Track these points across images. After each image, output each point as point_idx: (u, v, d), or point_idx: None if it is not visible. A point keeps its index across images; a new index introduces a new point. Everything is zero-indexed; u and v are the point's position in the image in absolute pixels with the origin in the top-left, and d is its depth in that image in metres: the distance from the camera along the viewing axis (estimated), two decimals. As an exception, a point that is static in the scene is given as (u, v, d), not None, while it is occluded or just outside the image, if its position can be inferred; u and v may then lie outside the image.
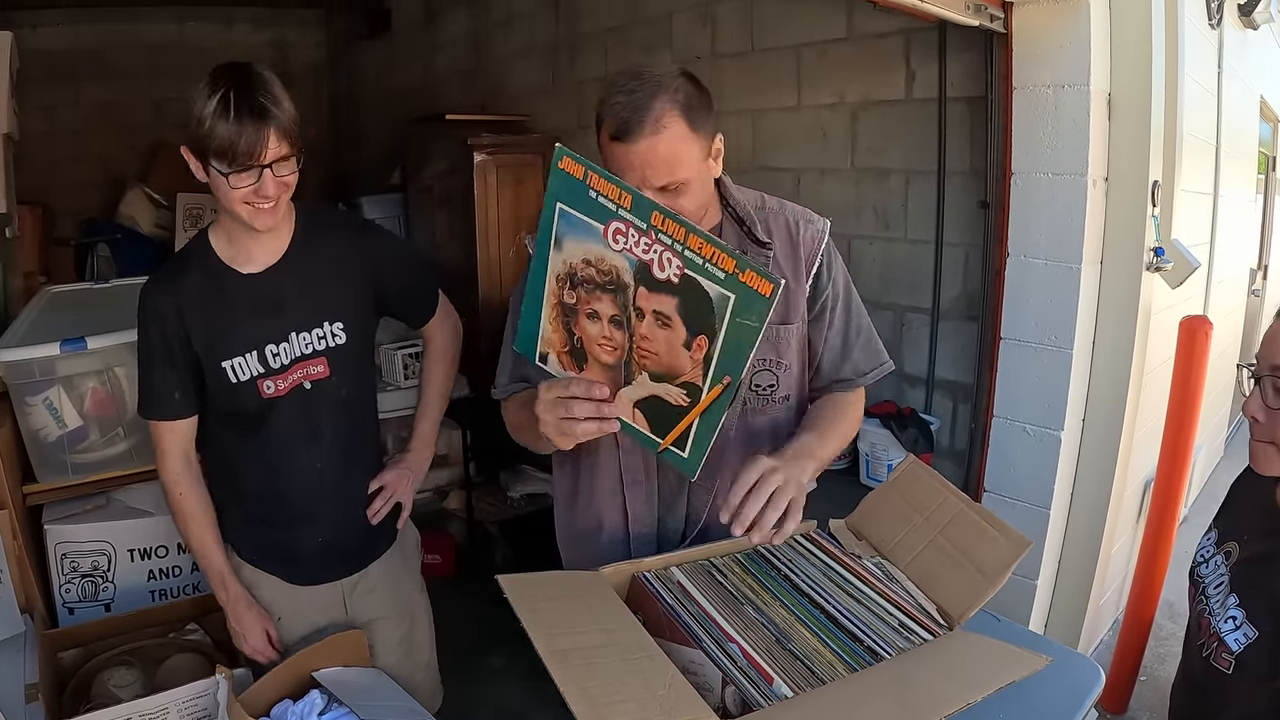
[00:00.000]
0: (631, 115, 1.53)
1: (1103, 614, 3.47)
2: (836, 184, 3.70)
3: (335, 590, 2.17)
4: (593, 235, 1.38)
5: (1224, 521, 1.74)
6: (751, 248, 1.74)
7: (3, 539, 2.31)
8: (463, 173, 4.57)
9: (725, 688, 1.24)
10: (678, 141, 1.55)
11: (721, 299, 1.30)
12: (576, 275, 1.43)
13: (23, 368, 2.39)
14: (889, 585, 1.51)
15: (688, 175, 1.57)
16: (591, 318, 1.44)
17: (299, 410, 2.01)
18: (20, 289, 3.59)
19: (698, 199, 1.64)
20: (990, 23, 2.77)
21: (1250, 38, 4.81)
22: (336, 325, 2.02)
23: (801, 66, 3.73)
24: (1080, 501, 3.05)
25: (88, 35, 6.91)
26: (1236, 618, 1.50)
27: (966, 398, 3.37)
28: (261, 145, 1.72)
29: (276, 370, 1.96)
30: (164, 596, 2.63)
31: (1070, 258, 2.78)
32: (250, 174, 1.74)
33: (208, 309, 1.91)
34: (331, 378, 2.03)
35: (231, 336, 1.92)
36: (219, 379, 1.93)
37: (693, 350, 1.36)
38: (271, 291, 1.95)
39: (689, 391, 1.39)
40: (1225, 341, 5.07)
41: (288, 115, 1.77)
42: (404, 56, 6.96)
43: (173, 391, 1.94)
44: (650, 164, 1.54)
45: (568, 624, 1.27)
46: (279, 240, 1.97)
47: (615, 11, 4.63)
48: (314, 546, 2.11)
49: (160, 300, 1.90)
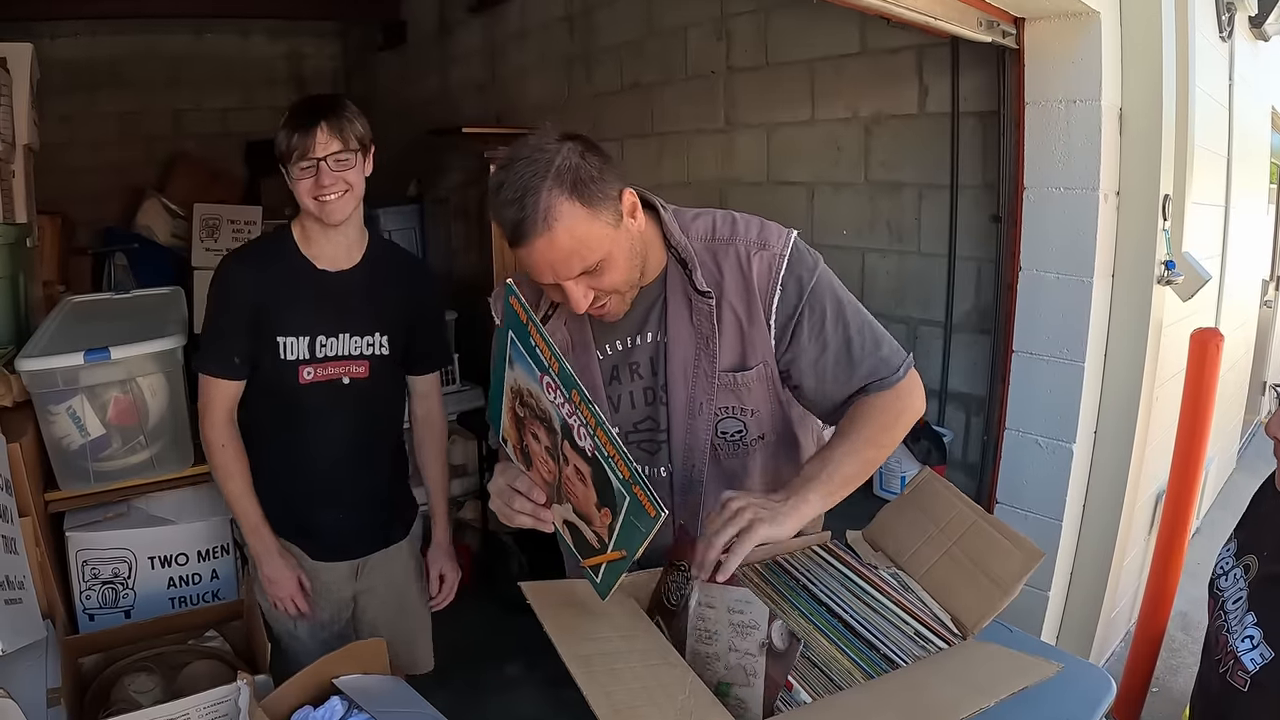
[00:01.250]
0: (518, 218, 1.43)
1: (1115, 625, 3.47)
2: (850, 198, 3.71)
3: (350, 568, 2.39)
4: (533, 376, 1.38)
5: (1244, 533, 1.73)
6: (695, 297, 1.65)
7: (25, 545, 2.32)
8: (478, 185, 4.58)
9: (773, 622, 1.26)
10: (574, 228, 1.45)
11: (619, 494, 1.28)
12: (522, 398, 1.45)
13: (46, 377, 2.42)
14: (905, 595, 1.53)
15: (598, 255, 1.49)
16: (534, 438, 1.47)
17: (330, 400, 2.23)
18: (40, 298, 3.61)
19: (623, 269, 1.55)
20: (1003, 39, 2.80)
21: (1261, 49, 4.82)
22: (384, 338, 2.27)
23: (815, 81, 3.76)
24: (1092, 513, 3.06)
25: (106, 46, 6.94)
26: (1254, 637, 1.50)
27: (979, 410, 3.38)
28: (312, 140, 2.02)
29: (319, 359, 2.19)
30: (184, 604, 2.66)
31: (1082, 271, 2.80)
32: (308, 166, 2.03)
33: (279, 287, 2.15)
34: (369, 380, 2.25)
35: (292, 317, 2.16)
36: (271, 351, 2.15)
37: (600, 514, 1.34)
38: (338, 291, 2.21)
39: (599, 539, 1.37)
40: (1237, 353, 5.06)
41: (340, 118, 2.06)
42: (419, 68, 6.98)
43: (232, 354, 2.16)
44: (553, 260, 1.47)
45: (589, 630, 1.29)
46: (353, 248, 2.25)
47: (630, 26, 4.66)
48: (333, 526, 2.31)
49: (241, 271, 2.16)
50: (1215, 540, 1.77)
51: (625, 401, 1.73)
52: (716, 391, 1.68)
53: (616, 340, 1.70)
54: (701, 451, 1.72)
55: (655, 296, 1.68)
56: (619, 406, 1.73)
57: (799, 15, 3.71)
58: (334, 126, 2.05)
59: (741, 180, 4.02)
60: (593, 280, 1.51)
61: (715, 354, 1.66)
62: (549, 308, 1.70)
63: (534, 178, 1.43)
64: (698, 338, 1.66)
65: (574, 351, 1.70)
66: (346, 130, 2.07)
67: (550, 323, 1.69)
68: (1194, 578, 3.03)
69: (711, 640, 1.35)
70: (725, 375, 1.67)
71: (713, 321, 1.64)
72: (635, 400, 1.73)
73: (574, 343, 1.70)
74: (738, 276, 1.65)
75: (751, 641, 1.28)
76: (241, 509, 2.24)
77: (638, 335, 1.70)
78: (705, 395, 1.68)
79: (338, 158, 2.06)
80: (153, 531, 2.63)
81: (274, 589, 2.26)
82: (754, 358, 1.67)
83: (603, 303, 1.57)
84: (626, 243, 1.55)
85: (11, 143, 3.31)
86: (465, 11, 6.12)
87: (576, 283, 1.50)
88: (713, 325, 1.64)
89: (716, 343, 1.65)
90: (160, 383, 2.53)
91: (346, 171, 2.09)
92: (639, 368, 1.71)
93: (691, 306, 1.65)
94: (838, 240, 3.72)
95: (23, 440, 2.38)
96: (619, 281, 1.55)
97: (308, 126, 2.02)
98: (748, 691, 1.27)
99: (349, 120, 2.09)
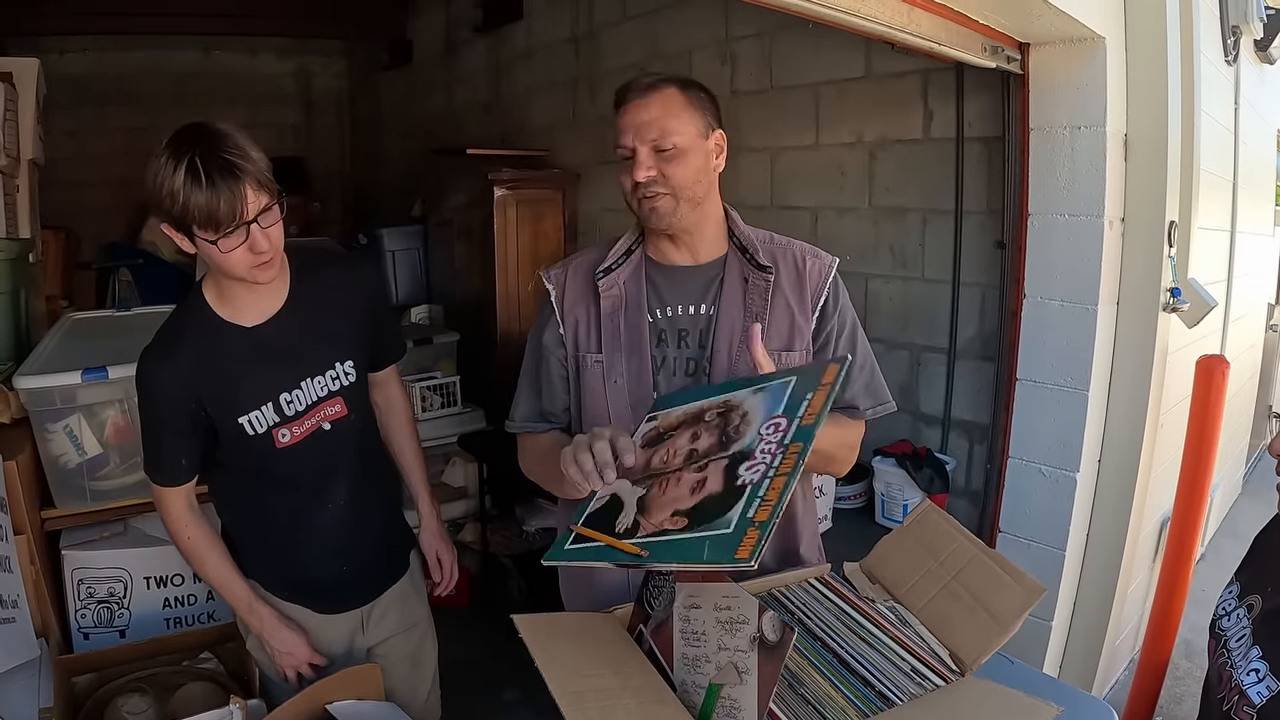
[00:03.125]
0: (630, 85, 1.70)
1: (1118, 654, 3.44)
2: (854, 223, 3.71)
3: (356, 616, 2.18)
4: (768, 409, 1.37)
5: (1246, 575, 1.72)
6: (753, 272, 1.79)
7: (20, 564, 2.32)
8: (482, 206, 4.60)
9: (763, 614, 1.23)
10: (670, 105, 1.67)
11: (727, 523, 1.20)
12: (723, 410, 1.45)
13: (44, 395, 2.42)
14: (902, 630, 1.51)
15: (680, 142, 1.67)
16: (694, 436, 1.43)
17: (316, 454, 2.00)
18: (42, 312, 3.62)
19: (689, 171, 1.70)
20: (1007, 64, 2.80)
21: (1267, 72, 4.82)
22: (348, 364, 2.04)
23: (820, 105, 3.76)
24: (1096, 542, 3.03)
25: (114, 62, 7.01)
26: (1260, 670, 1.48)
27: (982, 438, 3.36)
28: (241, 203, 1.68)
29: (292, 417, 1.95)
30: (179, 625, 2.65)
31: (1086, 299, 2.79)
32: (238, 234, 1.71)
33: (215, 369, 1.88)
34: (349, 415, 2.04)
35: (244, 392, 1.90)
36: (234, 433, 1.91)
37: (671, 519, 1.29)
38: (278, 340, 1.94)
39: (629, 529, 1.33)
40: (1243, 377, 5.04)
41: (258, 165, 1.72)
42: (425, 87, 7.02)
43: (179, 458, 1.92)
44: (638, 122, 1.66)
45: (581, 665, 1.27)
46: (277, 289, 1.96)
47: (635, 48, 4.67)
48: (338, 577, 2.12)
49: (161, 369, 1.86)
50: (1219, 566, 1.76)
51: (668, 366, 1.80)
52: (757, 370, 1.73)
53: (668, 307, 1.81)
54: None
55: (714, 276, 1.82)
56: (660, 367, 1.80)
57: (803, 39, 3.72)
58: (256, 180, 1.70)
59: (745, 204, 4.00)
60: (661, 162, 1.67)
61: (765, 330, 1.74)
62: (617, 258, 1.82)
63: (658, 75, 1.72)
64: (747, 316, 1.77)
65: (626, 310, 1.79)
66: (263, 175, 1.73)
67: (608, 277, 1.80)
68: (1198, 605, 3.01)
69: (700, 641, 1.31)
70: (771, 354, 1.71)
71: (766, 298, 1.77)
72: (677, 369, 1.80)
73: (628, 301, 1.80)
74: (793, 271, 1.82)
75: (741, 637, 1.25)
76: (228, 590, 2.02)
77: (690, 305, 1.80)
78: (746, 371, 1.71)
79: (269, 214, 1.75)
80: (149, 551, 2.62)
81: (287, 660, 2.06)
82: (799, 343, 1.80)
83: (656, 192, 1.69)
84: (701, 158, 1.72)
85: (16, 158, 3.33)
86: (471, 32, 6.16)
87: (648, 151, 1.67)
88: (765, 303, 1.77)
89: (766, 318, 1.77)
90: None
91: (274, 226, 1.78)
92: (687, 336, 1.80)
93: (747, 286, 1.79)
94: (841, 265, 3.68)
95: (19, 458, 2.38)
96: (680, 179, 1.69)
97: (230, 185, 1.66)
98: (740, 690, 1.23)
99: (256, 159, 1.73)
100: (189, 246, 1.77)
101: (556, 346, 1.85)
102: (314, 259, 2.08)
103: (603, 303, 1.79)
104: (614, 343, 1.78)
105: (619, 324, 1.79)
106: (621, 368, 1.77)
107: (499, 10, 5.79)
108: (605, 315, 1.79)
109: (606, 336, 1.79)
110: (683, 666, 1.33)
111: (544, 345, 1.86)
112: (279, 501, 2.02)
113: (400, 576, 2.28)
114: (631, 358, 1.77)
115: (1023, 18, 2.57)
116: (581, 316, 1.82)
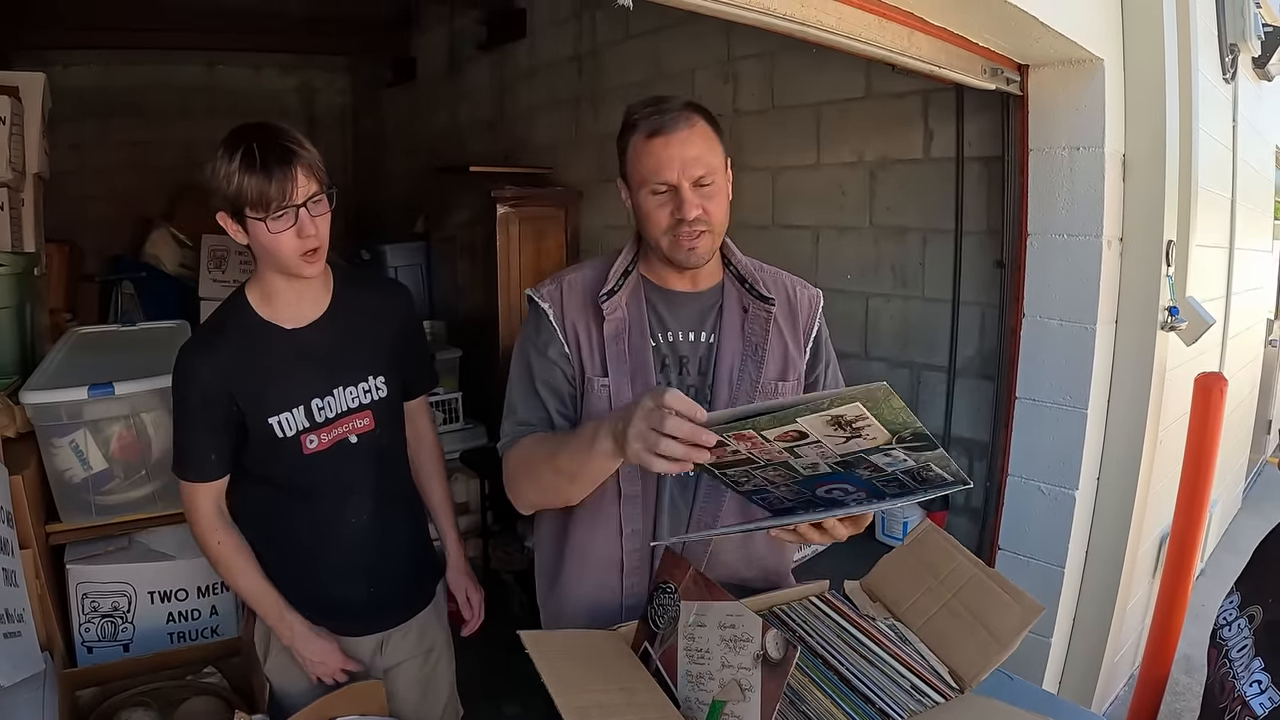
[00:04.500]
0: (668, 115, 1.64)
1: (1118, 669, 3.45)
2: (855, 242, 3.73)
3: (377, 638, 2.19)
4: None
5: (1247, 585, 1.73)
6: (754, 303, 1.79)
7: (25, 577, 2.32)
8: (485, 223, 4.62)
9: (765, 633, 1.25)
10: (708, 138, 1.66)
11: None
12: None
13: (50, 410, 2.42)
14: (902, 648, 1.53)
15: (716, 175, 1.66)
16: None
17: (340, 466, 2.02)
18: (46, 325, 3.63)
19: (723, 205, 1.70)
20: (1007, 85, 2.82)
21: (1265, 89, 4.86)
22: (380, 379, 2.06)
23: (821, 125, 3.78)
24: (1095, 559, 3.04)
25: (119, 76, 7.03)
26: (1262, 681, 1.50)
27: (982, 456, 3.37)
28: (292, 184, 1.75)
29: (321, 424, 1.97)
30: (183, 639, 2.64)
31: (1085, 318, 2.81)
32: (287, 216, 1.77)
33: (253, 367, 1.91)
34: (375, 430, 2.06)
35: (278, 393, 1.93)
36: (264, 435, 1.93)
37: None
38: (316, 346, 1.98)
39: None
40: (1242, 393, 5.06)
41: (311, 154, 1.81)
42: (428, 105, 7.04)
43: (209, 453, 1.95)
44: (684, 156, 1.62)
45: (587, 681, 1.28)
46: (320, 295, 2.01)
47: (638, 67, 4.70)
48: (362, 599, 2.12)
49: (199, 362, 1.90)
50: (1220, 582, 1.77)
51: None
52: (757, 397, 1.76)
53: (670, 332, 1.79)
54: None
55: (712, 304, 1.81)
56: None
57: (805, 59, 3.73)
58: (307, 165, 1.79)
59: (747, 223, 4.03)
60: (703, 199, 1.65)
61: (762, 361, 1.77)
62: (617, 280, 1.77)
63: (679, 102, 1.67)
64: (746, 346, 1.78)
65: (630, 335, 1.76)
66: (315, 164, 1.82)
67: (612, 299, 1.75)
68: (1198, 620, 3.02)
69: (703, 659, 1.33)
70: (769, 384, 1.78)
71: (766, 329, 1.78)
72: None
73: (632, 325, 1.77)
74: (785, 301, 1.84)
75: (745, 655, 1.27)
76: (258, 600, 2.02)
77: (690, 333, 1.80)
78: (747, 399, 1.75)
79: (316, 201, 1.82)
80: (153, 566, 2.62)
81: (321, 670, 2.05)
82: (791, 372, 1.81)
83: (700, 230, 1.66)
84: (725, 188, 1.71)
85: (22, 171, 3.33)
86: (475, 49, 6.18)
87: (693, 190, 1.64)
88: (765, 333, 1.78)
89: (765, 351, 1.78)
90: (164, 418, 2.51)
91: (321, 217, 1.85)
92: (688, 363, 1.79)
93: (746, 316, 1.80)
94: (842, 284, 3.73)
95: (25, 472, 2.38)
96: (719, 216, 1.69)
97: (283, 167, 1.75)
98: (744, 708, 1.24)
99: (310, 149, 1.82)
100: (241, 236, 1.82)
101: (563, 361, 1.78)
102: (359, 275, 2.18)
103: (607, 326, 1.75)
104: (620, 367, 1.75)
105: (624, 348, 1.76)
106: (628, 393, 1.73)
107: (502, 28, 5.81)
108: (609, 338, 1.75)
109: (612, 360, 1.75)
110: (687, 683, 1.34)
111: (549, 358, 1.79)
112: (301, 515, 2.03)
113: (425, 607, 2.29)
114: (637, 383, 1.74)
115: (1021, 40, 2.59)
116: (584, 337, 1.77)
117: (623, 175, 1.76)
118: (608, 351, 1.75)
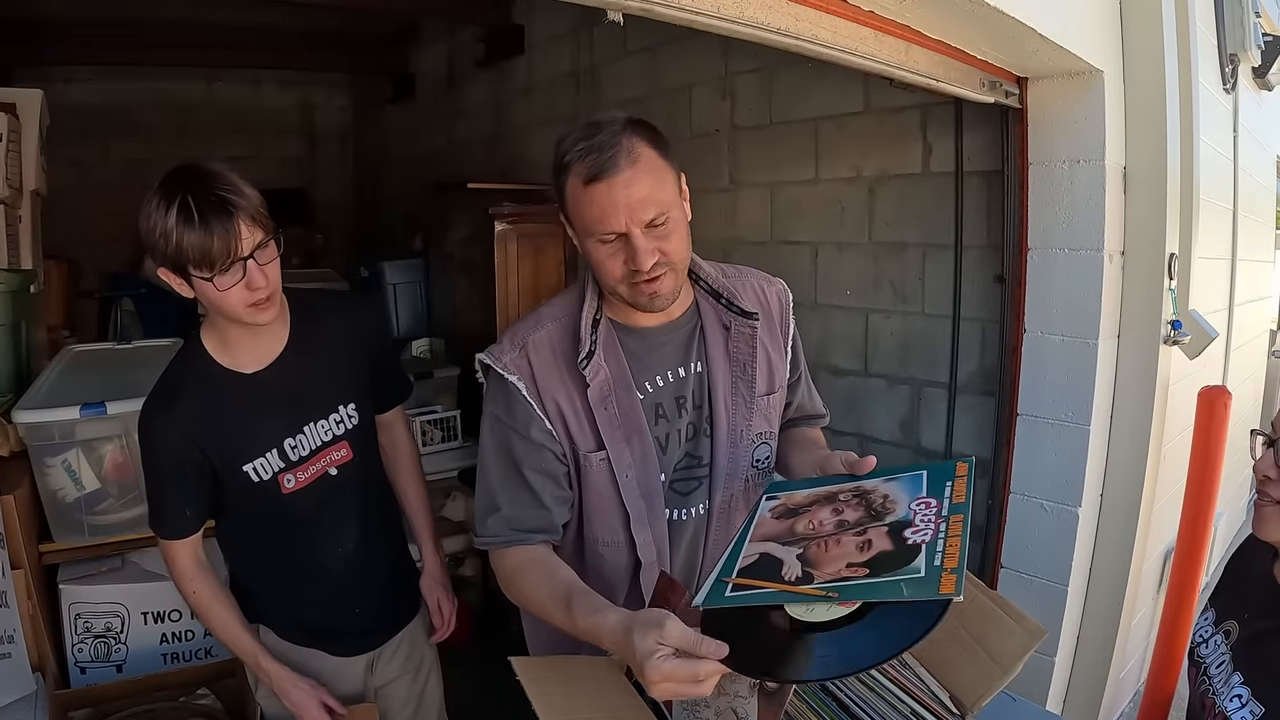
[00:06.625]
0: (605, 153, 1.45)
1: (1123, 686, 3.41)
2: (854, 257, 3.71)
3: (368, 657, 2.18)
4: (908, 493, 1.37)
5: (1220, 601, 1.76)
6: (735, 320, 1.72)
7: (18, 597, 2.31)
8: (484, 240, 4.60)
9: None
10: (654, 169, 1.49)
11: (917, 569, 1.19)
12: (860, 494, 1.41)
13: (43, 430, 2.41)
14: (902, 671, 1.50)
15: (668, 207, 1.50)
16: (835, 511, 1.37)
17: (323, 500, 1.99)
18: (44, 342, 3.62)
19: (682, 240, 1.56)
20: (1005, 99, 2.81)
21: (1265, 98, 4.86)
22: (350, 406, 2.03)
23: (819, 140, 3.76)
24: (1099, 576, 3.02)
25: (119, 92, 7.04)
26: (1242, 696, 1.50)
27: (984, 473, 3.34)
28: (235, 240, 1.66)
29: (297, 462, 1.94)
30: (176, 660, 2.63)
31: (1087, 333, 2.79)
32: (234, 271, 1.68)
33: (218, 420, 1.86)
34: (355, 458, 2.03)
35: (248, 440, 1.89)
36: (239, 482, 1.90)
37: (848, 569, 1.24)
38: (281, 385, 1.93)
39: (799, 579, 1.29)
40: (1245, 405, 5.03)
41: (251, 201, 1.71)
42: (427, 121, 7.04)
43: (185, 509, 1.91)
44: (631, 201, 1.46)
45: (580, 709, 1.26)
46: (279, 331, 1.95)
47: (635, 83, 4.69)
48: (350, 621, 2.11)
49: (163, 422, 1.84)
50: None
51: (672, 441, 1.71)
52: (753, 416, 1.74)
53: (656, 376, 1.69)
54: (741, 481, 1.76)
55: (691, 329, 1.72)
56: (666, 448, 1.71)
57: (803, 75, 3.73)
58: (249, 215, 1.69)
59: (745, 240, 4.02)
60: (658, 239, 1.50)
61: (753, 379, 1.73)
62: (591, 339, 1.62)
63: (615, 129, 1.48)
64: (734, 366, 1.72)
65: (615, 391, 1.64)
66: (257, 210, 1.71)
67: (591, 362, 1.60)
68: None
69: None
70: (760, 400, 1.74)
71: (752, 345, 1.72)
72: (681, 438, 1.72)
73: (615, 382, 1.64)
74: (757, 306, 1.76)
75: (742, 683, 1.25)
76: (234, 646, 1.99)
77: (679, 369, 1.71)
78: (745, 421, 1.73)
79: (264, 248, 1.73)
80: (147, 587, 2.61)
81: (305, 713, 1.99)
82: (776, 381, 1.79)
83: (659, 273, 1.52)
84: (683, 218, 1.57)
85: (19, 188, 3.33)
86: (473, 66, 6.18)
87: (645, 234, 1.49)
88: (752, 349, 1.72)
89: (754, 367, 1.72)
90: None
91: (270, 264, 1.75)
92: (684, 402, 1.71)
93: (729, 335, 1.72)
94: (841, 300, 3.72)
95: (17, 492, 2.37)
96: (676, 251, 1.54)
97: (223, 221, 1.64)
98: None
99: (249, 195, 1.71)
100: (187, 291, 1.74)
101: (550, 441, 1.65)
102: (314, 301, 2.07)
103: (591, 392, 1.62)
104: (614, 433, 1.64)
105: (614, 411, 1.64)
106: (628, 459, 1.64)
107: (501, 45, 5.81)
108: (596, 404, 1.63)
109: (605, 429, 1.63)
110: (682, 712, 1.32)
111: (533, 441, 1.64)
112: (287, 547, 2.01)
113: (413, 617, 2.29)
114: (634, 445, 1.65)
115: (1020, 53, 2.58)
116: (568, 410, 1.64)
117: (564, 216, 1.60)
118: (598, 419, 1.64)
